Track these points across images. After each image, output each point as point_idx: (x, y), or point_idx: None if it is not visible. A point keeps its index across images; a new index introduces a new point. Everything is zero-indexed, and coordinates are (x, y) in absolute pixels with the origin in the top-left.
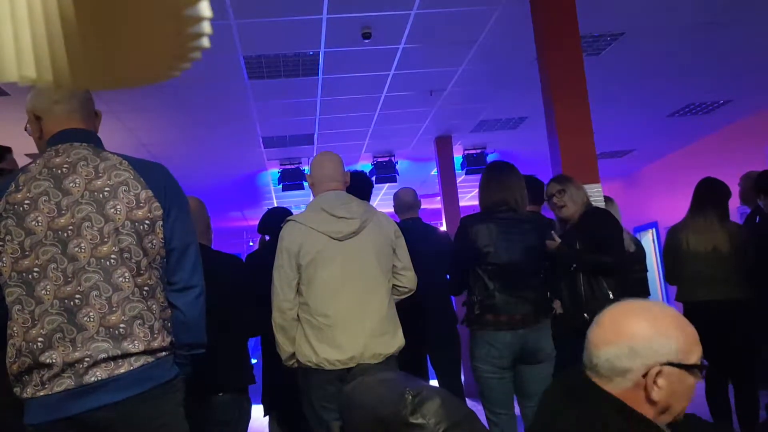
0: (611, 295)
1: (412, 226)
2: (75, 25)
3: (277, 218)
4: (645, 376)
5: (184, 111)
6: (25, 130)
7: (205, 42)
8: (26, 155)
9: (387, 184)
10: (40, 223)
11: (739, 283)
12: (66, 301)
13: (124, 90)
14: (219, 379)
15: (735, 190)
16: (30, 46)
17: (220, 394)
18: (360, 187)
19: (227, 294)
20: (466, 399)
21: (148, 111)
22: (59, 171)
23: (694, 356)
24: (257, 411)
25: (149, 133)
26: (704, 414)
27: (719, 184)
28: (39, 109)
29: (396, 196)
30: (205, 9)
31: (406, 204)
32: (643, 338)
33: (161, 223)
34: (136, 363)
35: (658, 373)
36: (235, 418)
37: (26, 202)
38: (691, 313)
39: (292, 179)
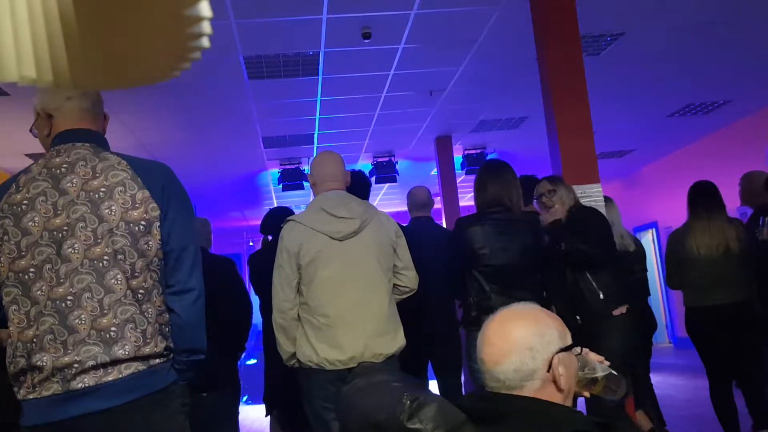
0: (601, 295)
1: (421, 225)
2: (75, 25)
3: (279, 218)
4: (549, 370)
5: (184, 111)
6: (30, 131)
7: (205, 42)
8: (26, 155)
9: (387, 184)
10: (36, 224)
11: (749, 283)
12: (58, 302)
13: (124, 90)
14: (202, 380)
15: (734, 190)
16: (30, 46)
17: (204, 394)
18: (358, 187)
19: (213, 296)
20: None
21: (148, 111)
22: (58, 171)
23: (569, 336)
24: (258, 411)
25: (149, 133)
26: (709, 415)
27: (714, 186)
28: (51, 106)
29: (410, 194)
30: (205, 9)
31: (419, 202)
32: (534, 336)
33: (158, 224)
34: (126, 371)
35: (558, 362)
36: (224, 415)
37: (24, 202)
38: (698, 317)
39: (292, 179)
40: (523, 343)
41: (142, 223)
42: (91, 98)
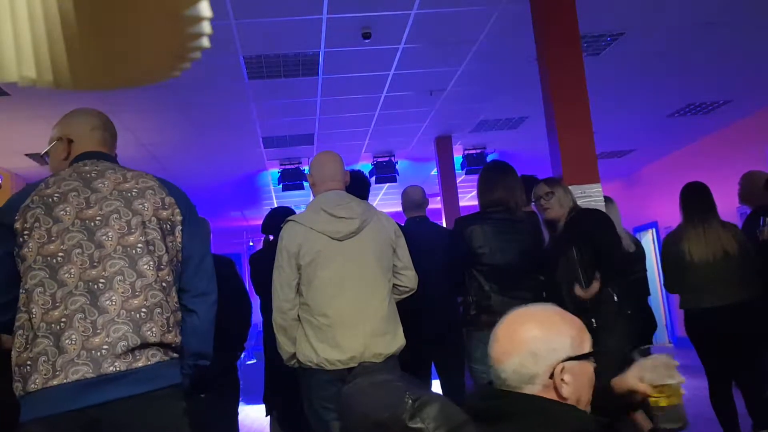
0: (615, 297)
1: (418, 224)
2: (75, 26)
3: (280, 218)
4: (551, 377)
5: (184, 111)
6: (42, 157)
7: (205, 42)
8: (26, 155)
9: (387, 184)
10: (68, 213)
11: (747, 285)
12: (90, 283)
13: (124, 90)
14: (201, 380)
15: (735, 190)
16: (30, 46)
17: (202, 395)
18: (357, 187)
19: None
20: None
21: (148, 111)
22: (88, 175)
23: (587, 344)
24: (258, 411)
25: (149, 134)
26: (709, 415)
27: (706, 187)
28: (75, 133)
29: (404, 194)
30: (205, 9)
31: (414, 202)
32: (540, 341)
33: (180, 228)
34: (153, 359)
35: (562, 370)
36: (223, 415)
37: (56, 195)
38: (697, 320)
39: (292, 179)
40: (526, 347)
41: (169, 223)
42: (111, 131)
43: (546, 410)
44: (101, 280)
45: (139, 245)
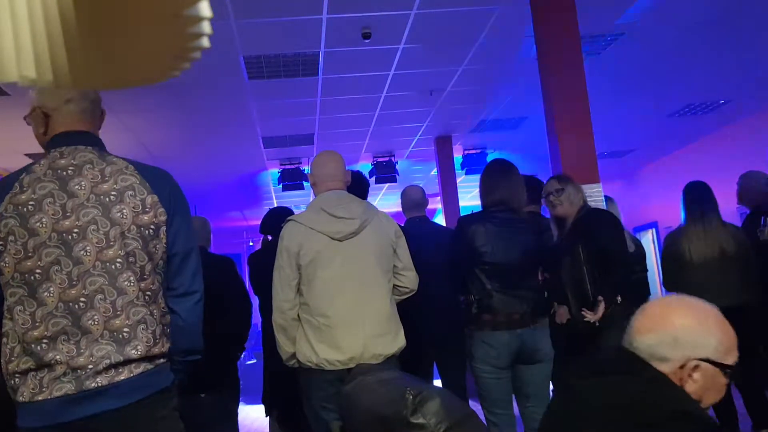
0: (619, 299)
1: (418, 224)
2: (75, 25)
3: (279, 218)
4: (682, 368)
5: (184, 111)
6: (25, 119)
7: (205, 42)
8: (26, 155)
9: (387, 184)
10: (44, 225)
11: (746, 286)
12: (71, 304)
13: (124, 90)
14: (201, 380)
15: (734, 190)
16: (30, 46)
17: (202, 395)
18: (356, 187)
19: (212, 295)
20: (468, 400)
21: (148, 111)
22: (64, 173)
23: (731, 358)
24: (258, 411)
25: (149, 133)
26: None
27: (708, 186)
28: (49, 106)
29: (404, 193)
30: (205, 9)
31: (414, 201)
32: (687, 331)
33: (165, 228)
34: (136, 370)
35: (696, 367)
36: (223, 415)
37: (30, 203)
38: None
39: (292, 179)
40: (671, 330)
41: (152, 227)
42: (90, 99)
43: (663, 383)
44: (82, 300)
45: (119, 260)
